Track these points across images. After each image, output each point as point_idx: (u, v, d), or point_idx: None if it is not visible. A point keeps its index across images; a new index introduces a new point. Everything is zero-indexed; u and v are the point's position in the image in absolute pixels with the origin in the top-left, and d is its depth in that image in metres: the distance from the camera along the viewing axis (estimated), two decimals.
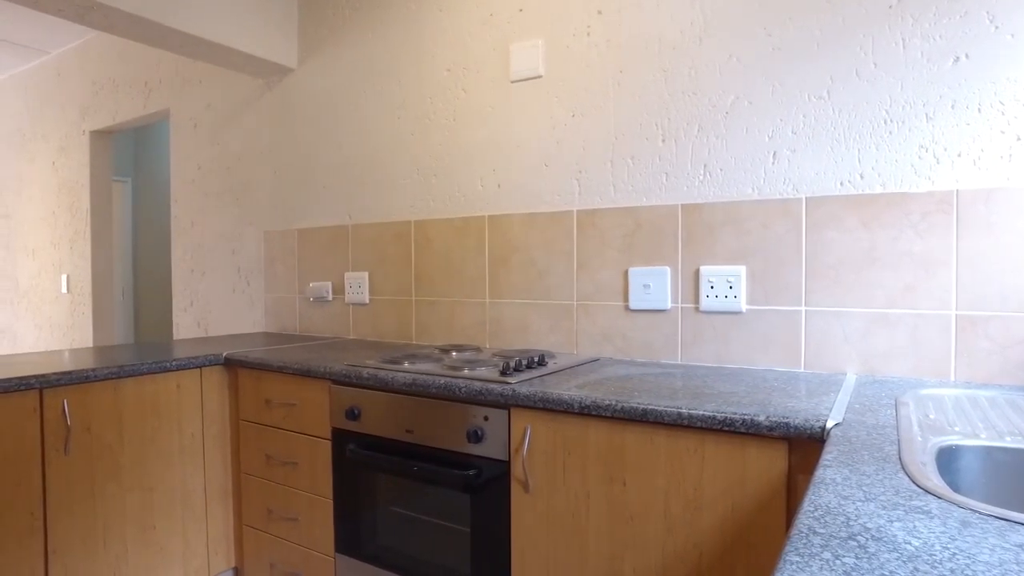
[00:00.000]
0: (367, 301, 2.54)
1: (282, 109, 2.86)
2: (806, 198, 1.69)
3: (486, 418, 1.54)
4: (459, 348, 2.10)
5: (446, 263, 2.33)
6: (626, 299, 1.97)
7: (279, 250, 2.88)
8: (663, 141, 1.91)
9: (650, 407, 1.30)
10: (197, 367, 2.05)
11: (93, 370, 1.80)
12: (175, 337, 3.43)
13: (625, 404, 1.33)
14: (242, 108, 3.04)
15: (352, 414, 1.76)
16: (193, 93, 3.27)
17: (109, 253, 4.00)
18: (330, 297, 2.67)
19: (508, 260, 2.19)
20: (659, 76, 1.91)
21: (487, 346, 2.23)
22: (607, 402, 1.35)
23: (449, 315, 2.32)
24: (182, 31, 2.40)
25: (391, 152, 2.49)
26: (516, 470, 1.50)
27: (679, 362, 1.88)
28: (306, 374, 1.87)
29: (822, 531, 0.64)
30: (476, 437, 1.54)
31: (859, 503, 0.72)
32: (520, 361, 1.69)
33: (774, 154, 1.74)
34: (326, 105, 2.70)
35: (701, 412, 1.25)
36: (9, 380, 1.63)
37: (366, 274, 2.54)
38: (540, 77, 2.13)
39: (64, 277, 4.11)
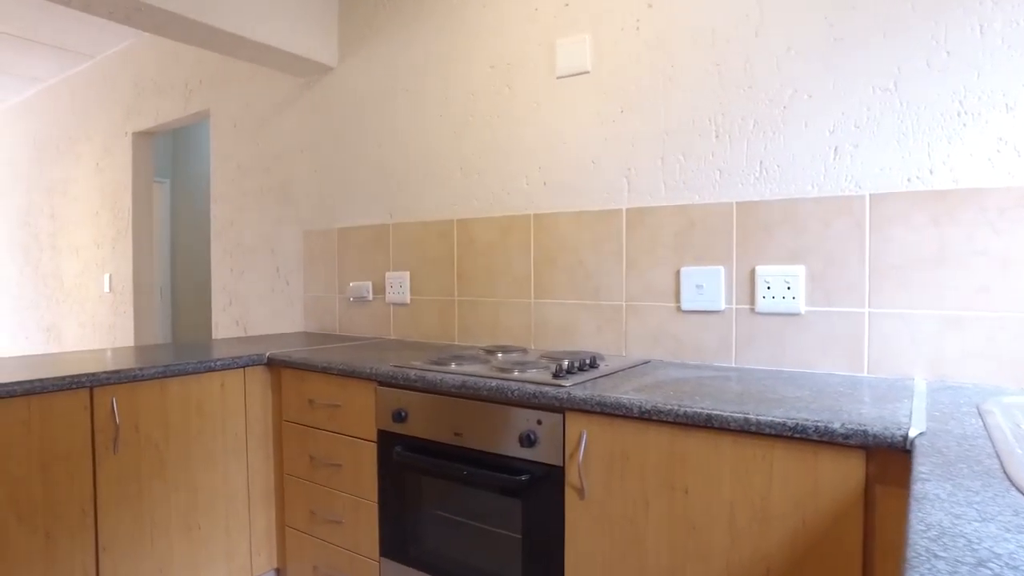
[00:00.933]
0: (408, 301, 2.52)
1: (322, 108, 2.86)
2: (870, 195, 1.62)
3: (539, 422, 1.50)
4: (505, 349, 2.06)
5: (490, 263, 2.29)
6: (678, 300, 1.91)
7: (319, 249, 2.87)
8: (716, 137, 1.85)
9: (715, 412, 1.24)
10: (240, 367, 2.05)
11: (140, 369, 1.80)
12: (214, 336, 3.45)
13: (688, 409, 1.28)
14: (282, 108, 3.04)
15: (399, 416, 1.73)
16: (233, 93, 3.29)
17: (150, 253, 4.05)
18: (370, 297, 2.65)
19: (554, 260, 2.14)
20: (712, 70, 1.85)
21: (532, 347, 2.19)
22: (668, 407, 1.30)
23: (493, 316, 2.29)
24: (224, 30, 2.40)
25: (433, 150, 2.46)
26: (571, 476, 1.45)
27: (733, 365, 1.82)
28: (351, 375, 1.85)
29: (944, 555, 0.59)
30: (528, 441, 1.50)
31: (976, 523, 0.66)
32: (572, 363, 1.65)
33: (835, 149, 1.67)
34: (366, 103, 2.68)
35: (770, 418, 1.19)
36: (62, 378, 1.64)
37: (407, 274, 2.52)
38: (587, 73, 2.08)
39: (107, 276, 4.17)
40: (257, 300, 3.20)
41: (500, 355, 2.00)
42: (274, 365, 2.12)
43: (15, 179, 5.24)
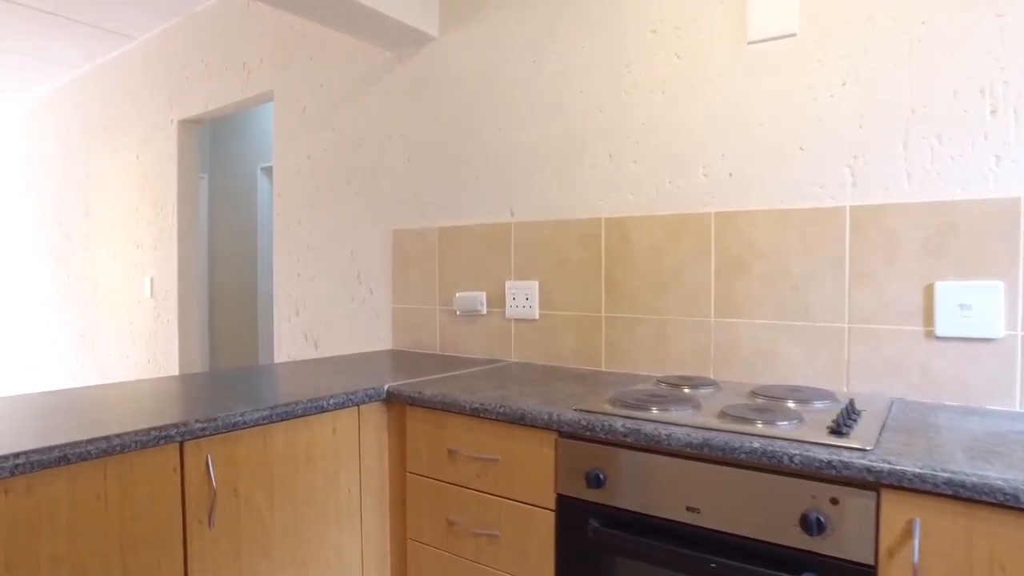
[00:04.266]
0: (536, 316, 2.09)
1: (419, 86, 2.43)
2: None
3: (834, 500, 1.06)
4: (690, 382, 1.62)
5: (653, 271, 1.86)
6: (929, 322, 1.48)
7: (414, 252, 2.44)
8: (992, 113, 1.41)
9: None
10: (355, 405, 1.62)
11: (242, 414, 1.37)
12: (276, 351, 3.02)
13: None
14: (365, 87, 2.61)
15: (594, 480, 1.30)
16: (302, 72, 2.86)
17: (195, 254, 3.63)
18: (484, 311, 2.22)
19: (746, 268, 1.71)
20: (990, 26, 1.41)
21: (711, 376, 1.75)
22: None
23: (656, 337, 1.85)
24: None
25: (571, 134, 2.03)
26: None
27: (1018, 409, 1.38)
28: (519, 421, 1.42)
29: None
30: (816, 527, 1.06)
31: None
32: (846, 412, 1.21)
33: None
34: (479, 78, 2.25)
35: None
36: (147, 432, 1.21)
37: (535, 283, 2.08)
38: (793, 36, 1.65)
39: (148, 280, 3.75)
40: (331, 311, 2.77)
41: (686, 389, 1.57)
42: (394, 401, 1.69)
43: (46, 175, 4.82)
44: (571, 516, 1.36)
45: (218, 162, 4.94)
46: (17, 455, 1.05)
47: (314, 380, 1.75)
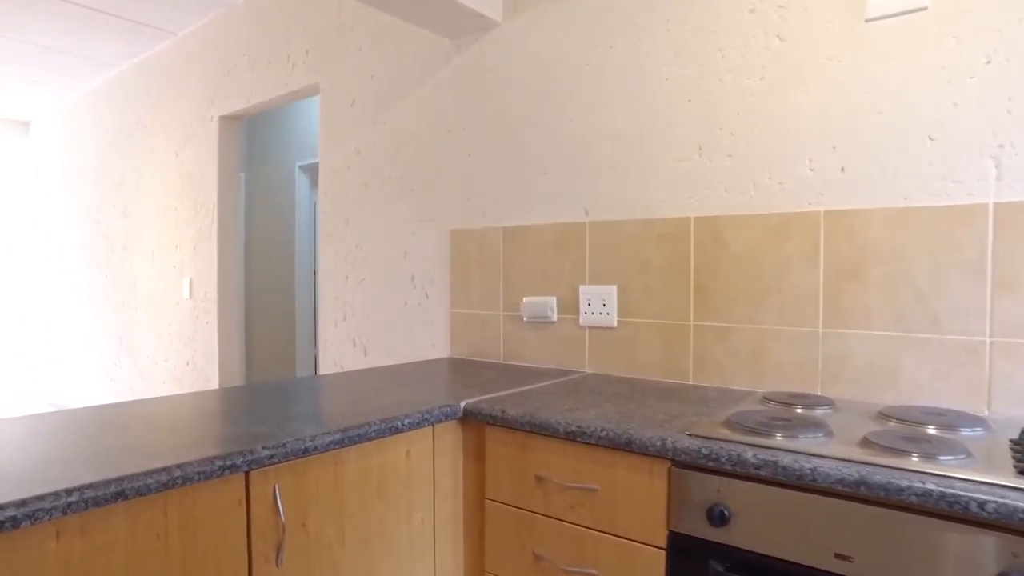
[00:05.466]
0: (614, 324, 1.92)
1: (480, 75, 2.27)
2: None
3: None
4: (801, 401, 1.44)
5: (750, 276, 1.68)
6: None
7: (475, 254, 2.28)
8: None
9: None
10: (430, 424, 1.46)
11: (312, 438, 1.22)
12: (321, 356, 2.89)
13: None
14: (420, 78, 2.46)
15: (717, 516, 1.13)
16: (350, 63, 2.72)
17: (236, 255, 3.52)
18: (555, 317, 2.05)
19: (861, 273, 1.52)
20: None
21: (819, 392, 1.57)
22: None
23: (752, 347, 1.67)
24: None
25: (655, 125, 1.85)
26: None
27: None
28: (624, 447, 1.25)
29: None
30: None
31: None
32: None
33: None
34: (548, 67, 2.08)
35: None
36: (211, 461, 1.07)
37: (614, 288, 1.91)
38: (924, 9, 1.46)
39: (187, 281, 3.65)
40: (382, 315, 2.62)
41: (799, 409, 1.39)
42: (472, 421, 1.53)
43: (85, 175, 4.77)
44: (687, 557, 1.19)
45: (255, 160, 4.84)
46: (70, 491, 0.91)
47: (379, 395, 1.60)
